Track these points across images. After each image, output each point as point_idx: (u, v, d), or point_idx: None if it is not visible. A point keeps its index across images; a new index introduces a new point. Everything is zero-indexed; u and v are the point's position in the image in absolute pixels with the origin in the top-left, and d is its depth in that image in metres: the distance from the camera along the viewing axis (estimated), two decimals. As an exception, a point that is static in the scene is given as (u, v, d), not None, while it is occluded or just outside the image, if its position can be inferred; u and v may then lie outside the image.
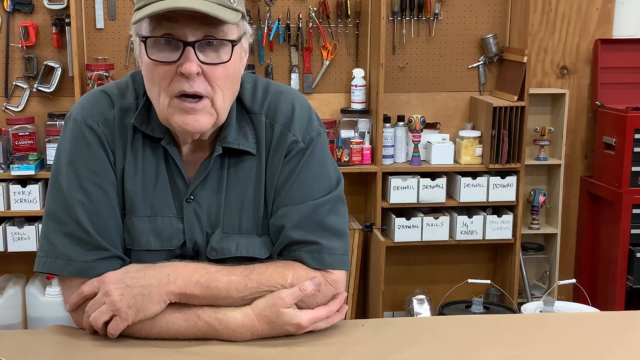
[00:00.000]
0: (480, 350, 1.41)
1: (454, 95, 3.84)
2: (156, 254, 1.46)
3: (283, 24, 3.62)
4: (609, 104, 3.82)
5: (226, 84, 1.40)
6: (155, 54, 1.36)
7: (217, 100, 1.39)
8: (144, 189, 1.47)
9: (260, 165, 1.49)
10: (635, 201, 3.65)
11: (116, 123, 1.46)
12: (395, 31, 3.72)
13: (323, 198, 1.48)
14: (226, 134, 1.47)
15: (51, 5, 3.46)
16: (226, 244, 1.47)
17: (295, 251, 1.46)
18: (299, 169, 1.48)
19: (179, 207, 1.48)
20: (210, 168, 1.47)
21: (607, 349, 1.45)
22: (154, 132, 1.46)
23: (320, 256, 1.46)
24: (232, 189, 1.49)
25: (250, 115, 1.51)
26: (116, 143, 1.46)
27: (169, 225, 1.47)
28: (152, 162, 1.48)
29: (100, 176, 1.44)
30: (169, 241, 1.47)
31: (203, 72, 1.36)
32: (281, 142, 1.49)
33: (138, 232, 1.47)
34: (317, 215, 1.47)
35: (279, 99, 1.52)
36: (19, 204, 3.36)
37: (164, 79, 1.37)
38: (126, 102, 1.48)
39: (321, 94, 3.72)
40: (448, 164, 3.67)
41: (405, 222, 3.65)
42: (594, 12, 3.91)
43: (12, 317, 3.42)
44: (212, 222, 1.48)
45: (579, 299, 3.70)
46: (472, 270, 3.93)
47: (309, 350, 1.40)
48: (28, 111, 3.57)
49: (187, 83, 1.36)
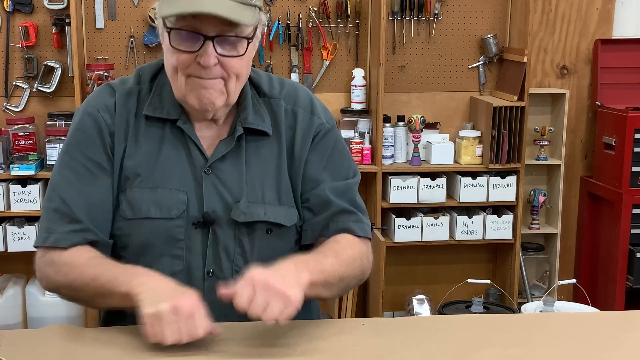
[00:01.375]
0: (480, 350, 1.41)
1: (454, 95, 3.84)
2: (156, 222, 1.55)
3: (283, 24, 3.62)
4: (609, 104, 3.82)
5: (240, 71, 1.53)
6: (178, 42, 1.49)
7: (230, 83, 1.53)
8: (146, 165, 1.57)
9: (280, 145, 1.62)
10: (635, 201, 3.65)
11: (117, 107, 1.58)
12: (395, 31, 3.72)
13: (352, 180, 1.67)
14: (246, 115, 1.60)
15: (51, 5, 3.46)
16: (255, 210, 1.57)
17: (343, 222, 1.61)
18: (331, 148, 1.65)
19: (187, 179, 1.57)
20: (232, 146, 1.58)
21: (607, 348, 1.45)
22: (170, 115, 1.59)
23: (364, 226, 1.64)
24: (252, 164, 1.60)
25: (266, 99, 1.64)
26: (117, 125, 1.58)
27: (169, 196, 1.56)
28: (156, 141, 1.58)
29: (91, 159, 1.56)
30: (168, 210, 1.55)
31: (219, 62, 1.49)
32: (309, 125, 1.63)
33: (139, 203, 1.56)
34: (351, 192, 1.65)
35: (296, 89, 1.68)
36: (19, 204, 3.36)
37: (183, 63, 1.50)
38: (126, 86, 1.61)
39: (321, 94, 3.72)
40: (448, 164, 3.67)
41: (405, 222, 3.65)
42: (594, 12, 3.91)
43: (12, 317, 3.43)
44: (235, 193, 1.58)
45: (579, 299, 3.70)
46: (472, 270, 3.93)
47: (309, 350, 1.40)
48: (28, 111, 3.57)
49: (204, 71, 1.49)
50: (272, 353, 1.38)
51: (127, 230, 1.57)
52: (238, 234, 1.58)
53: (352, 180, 1.67)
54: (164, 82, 1.60)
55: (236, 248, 1.58)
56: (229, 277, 1.56)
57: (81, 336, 1.45)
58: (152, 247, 1.57)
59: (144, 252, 1.57)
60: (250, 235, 1.59)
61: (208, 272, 1.58)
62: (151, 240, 1.56)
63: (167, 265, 1.56)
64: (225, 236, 1.58)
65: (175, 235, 1.56)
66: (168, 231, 1.56)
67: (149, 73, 1.64)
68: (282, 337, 1.45)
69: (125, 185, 1.57)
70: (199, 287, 1.54)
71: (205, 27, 1.47)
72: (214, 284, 1.53)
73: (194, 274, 1.57)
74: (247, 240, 1.59)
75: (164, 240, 1.56)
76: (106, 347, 1.40)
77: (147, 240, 1.56)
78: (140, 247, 1.57)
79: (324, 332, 1.48)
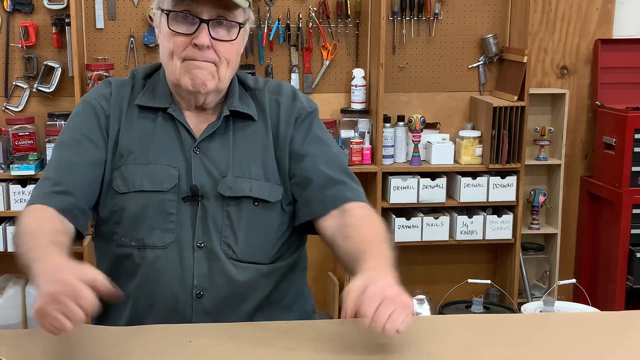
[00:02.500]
0: (481, 351, 1.41)
1: (454, 95, 3.84)
2: (148, 195, 1.63)
3: (283, 24, 3.62)
4: (609, 104, 3.82)
5: (230, 57, 1.64)
6: (175, 25, 1.61)
7: (221, 68, 1.63)
8: (139, 144, 1.66)
9: (267, 129, 1.70)
10: (635, 201, 3.65)
11: (112, 96, 1.70)
12: (395, 31, 3.72)
13: (338, 150, 1.76)
14: (232, 101, 1.70)
15: (51, 5, 3.46)
16: (240, 185, 1.65)
17: (341, 193, 1.67)
18: (314, 127, 1.73)
19: (178, 158, 1.66)
20: (219, 127, 1.68)
21: (608, 349, 1.45)
22: (162, 104, 1.69)
23: (359, 193, 1.73)
24: (239, 144, 1.69)
25: (252, 92, 1.74)
26: (112, 110, 1.69)
27: (162, 171, 1.65)
28: (149, 125, 1.68)
29: (84, 136, 1.66)
30: (161, 184, 1.64)
31: (212, 46, 1.60)
32: (291, 108, 1.72)
33: (132, 177, 1.65)
34: (340, 162, 1.73)
35: (279, 83, 1.79)
36: (19, 204, 3.36)
37: (179, 46, 1.61)
38: (121, 80, 1.75)
39: (321, 94, 3.72)
40: (448, 164, 3.67)
41: (405, 222, 3.65)
42: (594, 12, 3.91)
43: (12, 317, 3.42)
44: (222, 170, 1.66)
45: (579, 299, 3.70)
46: (472, 270, 3.93)
47: (309, 350, 1.40)
48: (28, 111, 3.57)
49: (199, 52, 1.60)
50: (272, 353, 1.38)
51: (122, 203, 1.64)
52: (225, 206, 1.64)
53: (339, 151, 1.78)
54: (158, 80, 1.72)
55: (224, 220, 1.64)
56: (218, 248, 1.63)
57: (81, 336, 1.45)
58: (145, 221, 1.63)
59: (137, 226, 1.63)
60: (237, 208, 1.65)
61: (197, 244, 1.63)
62: (144, 213, 1.63)
63: (158, 237, 1.63)
64: (213, 209, 1.64)
65: (166, 209, 1.63)
66: (160, 204, 1.63)
67: (142, 72, 1.76)
68: (283, 338, 1.45)
69: (120, 162, 1.66)
70: (189, 258, 1.62)
71: (200, 10, 1.59)
72: (203, 255, 1.62)
73: (184, 245, 1.63)
74: (235, 213, 1.65)
75: (156, 214, 1.63)
76: (106, 347, 1.40)
77: (140, 213, 1.63)
78: (133, 220, 1.63)
79: (324, 332, 1.48)
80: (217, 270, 1.63)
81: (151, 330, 1.49)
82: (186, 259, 1.62)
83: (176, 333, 1.47)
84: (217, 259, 1.63)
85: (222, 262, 1.63)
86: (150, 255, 1.62)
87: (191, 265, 1.62)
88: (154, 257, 1.62)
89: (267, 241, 1.68)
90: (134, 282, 1.64)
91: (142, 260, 1.63)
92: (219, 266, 1.63)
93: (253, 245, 1.65)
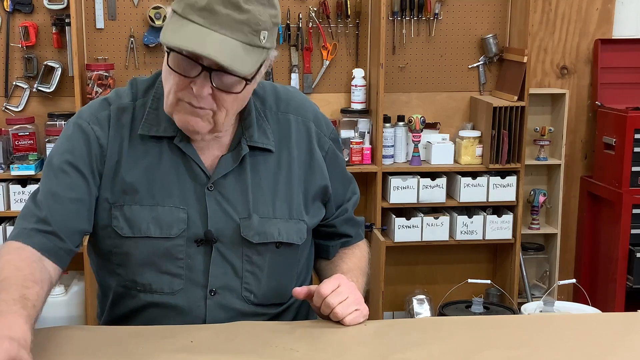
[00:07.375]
0: (483, 352, 1.41)
1: (454, 95, 3.84)
2: (155, 242, 1.52)
3: (283, 24, 3.62)
4: (609, 104, 3.82)
5: (232, 106, 1.48)
6: (176, 64, 1.43)
7: (219, 116, 1.47)
8: (144, 180, 1.52)
9: (290, 158, 1.60)
10: (635, 201, 3.65)
11: (112, 121, 1.54)
12: (395, 31, 3.72)
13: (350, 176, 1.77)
14: (251, 133, 1.56)
15: (51, 5, 3.46)
16: (269, 229, 1.56)
17: (352, 240, 1.78)
18: (341, 163, 1.71)
19: (188, 196, 1.53)
20: (237, 164, 1.55)
21: (610, 350, 1.45)
22: (166, 132, 1.54)
23: (363, 230, 1.85)
24: (257, 178, 1.57)
25: (273, 113, 1.61)
26: (110, 138, 1.53)
27: (169, 214, 1.52)
28: (154, 157, 1.54)
29: (70, 165, 1.51)
30: (168, 229, 1.52)
31: (213, 94, 1.44)
32: (318, 138, 1.65)
33: (137, 220, 1.52)
34: (354, 195, 1.77)
35: (303, 103, 1.67)
36: (19, 204, 3.35)
37: (177, 85, 1.44)
38: (122, 102, 1.56)
39: (321, 94, 3.72)
40: (448, 164, 3.67)
41: (405, 222, 3.65)
42: (594, 12, 3.91)
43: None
44: (239, 210, 1.55)
45: (579, 299, 3.70)
46: (472, 270, 3.93)
47: (309, 350, 1.40)
48: (28, 111, 3.56)
49: (195, 99, 1.44)
50: (273, 354, 1.38)
51: (125, 248, 1.54)
52: (246, 251, 1.56)
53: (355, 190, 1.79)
54: (160, 95, 1.54)
55: (244, 265, 1.56)
56: (239, 295, 1.56)
57: (81, 336, 1.45)
58: (152, 265, 1.54)
59: (143, 270, 1.54)
60: (259, 251, 1.57)
61: (211, 290, 1.55)
62: (150, 259, 1.53)
63: (167, 283, 1.54)
64: (231, 254, 1.55)
65: (174, 254, 1.53)
66: (167, 250, 1.53)
67: (143, 86, 1.59)
68: (283, 338, 1.45)
69: (123, 200, 1.52)
70: (200, 305, 1.54)
71: (205, 58, 1.39)
72: (217, 302, 1.54)
73: (195, 292, 1.54)
74: (257, 257, 1.57)
75: (163, 259, 1.53)
76: (106, 347, 1.40)
77: (147, 259, 1.53)
78: (139, 265, 1.54)
79: (324, 333, 1.48)
80: (233, 315, 1.55)
81: (151, 331, 1.49)
82: (197, 307, 1.54)
83: (176, 333, 1.47)
84: (233, 306, 1.56)
85: (240, 308, 1.56)
86: (157, 299, 1.55)
87: (202, 313, 1.55)
88: (160, 301, 1.55)
89: (289, 282, 1.62)
90: (138, 319, 1.58)
91: (147, 302, 1.56)
92: (234, 312, 1.56)
93: (274, 288, 1.60)
